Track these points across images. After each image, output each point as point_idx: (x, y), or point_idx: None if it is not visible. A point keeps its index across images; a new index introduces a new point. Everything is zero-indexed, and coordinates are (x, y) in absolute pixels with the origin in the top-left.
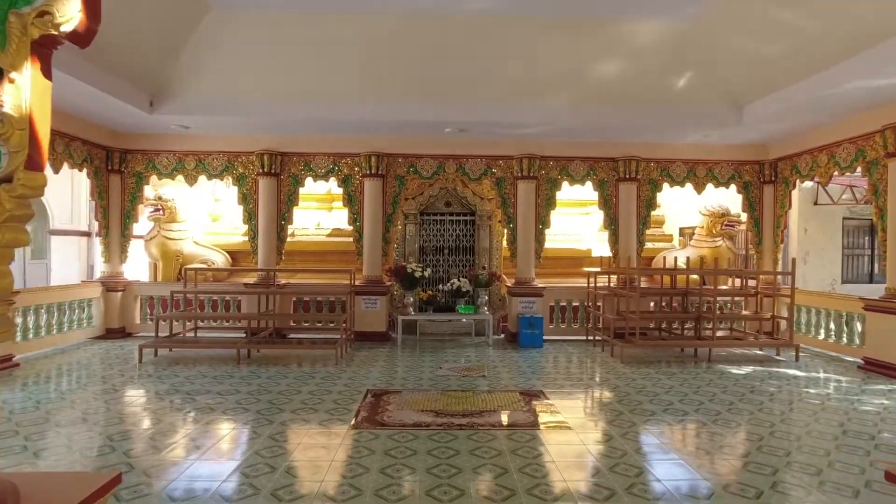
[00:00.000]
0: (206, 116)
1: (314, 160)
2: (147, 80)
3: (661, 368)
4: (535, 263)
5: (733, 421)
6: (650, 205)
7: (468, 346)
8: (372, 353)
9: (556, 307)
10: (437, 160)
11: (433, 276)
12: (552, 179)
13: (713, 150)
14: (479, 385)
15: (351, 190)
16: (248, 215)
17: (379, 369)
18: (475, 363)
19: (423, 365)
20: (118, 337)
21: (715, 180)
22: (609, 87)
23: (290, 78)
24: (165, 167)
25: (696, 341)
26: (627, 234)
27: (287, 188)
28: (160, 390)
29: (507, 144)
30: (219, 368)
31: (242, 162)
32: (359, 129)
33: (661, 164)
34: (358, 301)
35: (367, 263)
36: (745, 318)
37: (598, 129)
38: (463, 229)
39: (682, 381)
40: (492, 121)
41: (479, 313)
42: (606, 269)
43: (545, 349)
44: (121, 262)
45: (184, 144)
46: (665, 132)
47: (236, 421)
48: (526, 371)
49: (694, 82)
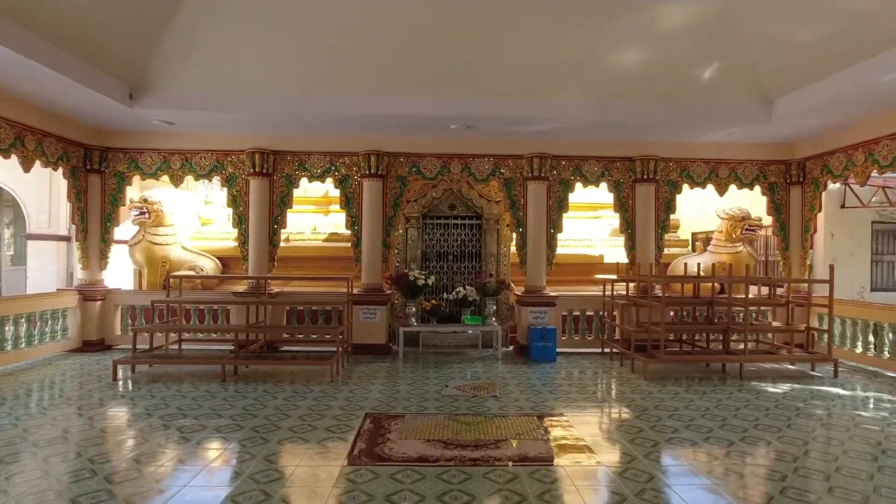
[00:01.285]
0: (190, 111)
1: (309, 159)
2: (126, 71)
3: (689, 386)
4: (547, 271)
5: (788, 454)
6: (669, 207)
7: (475, 359)
8: (371, 367)
9: (570, 317)
10: (441, 159)
11: (437, 284)
12: (565, 180)
13: (736, 149)
14: (491, 407)
15: (349, 191)
16: (239, 218)
17: (379, 387)
18: (485, 381)
19: (428, 382)
20: (96, 350)
21: (738, 181)
22: (629, 79)
23: (282, 69)
24: (149, 167)
25: (726, 356)
26: (645, 239)
27: (280, 189)
28: (131, 414)
29: (516, 143)
30: (201, 387)
31: (232, 161)
32: (357, 125)
33: (680, 164)
34: (356, 311)
35: (365, 270)
36: (779, 331)
37: (615, 126)
38: (469, 234)
39: (716, 401)
40: (501, 116)
41: (486, 324)
42: (624, 276)
43: (558, 363)
44: (100, 269)
45: (169, 142)
46: (687, 129)
47: (212, 453)
48: (541, 390)
49: (721, 73)
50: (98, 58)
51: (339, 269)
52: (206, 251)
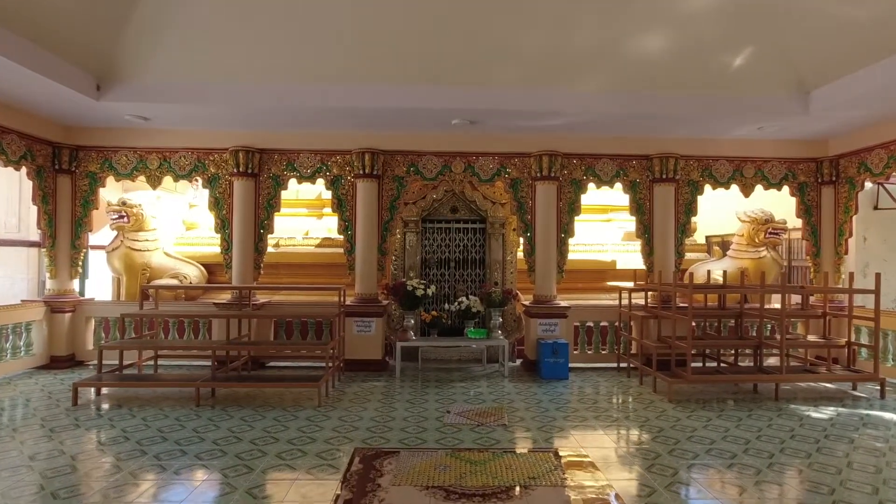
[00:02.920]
0: (164, 104)
1: (298, 158)
2: (91, 59)
3: (721, 411)
4: (557, 279)
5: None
6: (690, 210)
7: (479, 376)
8: (365, 387)
9: (582, 329)
10: (441, 158)
11: (438, 294)
12: (576, 181)
13: (763, 146)
14: (500, 440)
15: (341, 193)
16: (221, 223)
17: (372, 412)
18: (491, 405)
19: (427, 405)
20: (65, 366)
21: (765, 181)
22: (651, 68)
23: (266, 57)
24: (124, 166)
25: (761, 376)
26: (664, 244)
27: (267, 191)
28: (82, 450)
29: (524, 140)
30: (173, 412)
31: (214, 160)
32: (350, 120)
33: (702, 163)
34: (349, 324)
35: (359, 279)
36: (817, 346)
37: (632, 121)
38: (472, 239)
39: (756, 431)
40: (509, 109)
41: (491, 338)
42: (643, 284)
43: (571, 381)
44: (70, 278)
45: (145, 140)
46: (713, 124)
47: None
48: (555, 415)
49: (753, 61)
50: (59, 45)
51: (333, 276)
52: (190, 258)
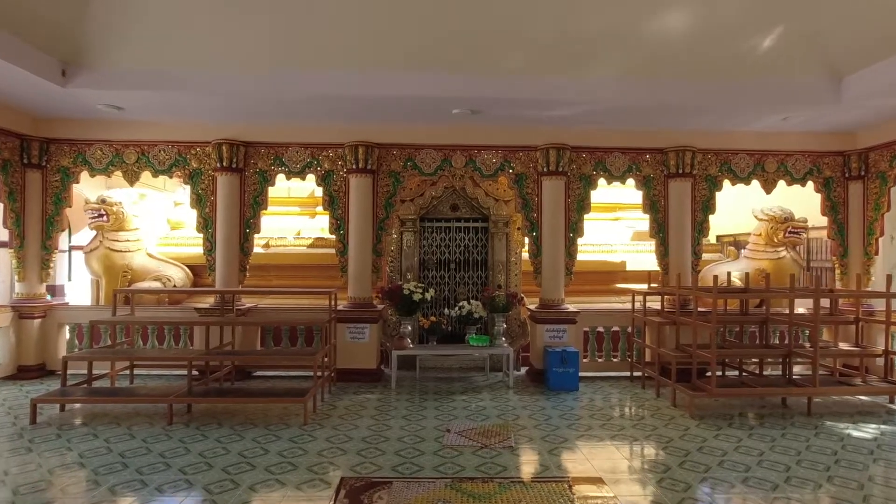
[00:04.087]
0: (138, 91)
1: (287, 152)
2: (55, 41)
3: (750, 430)
4: (566, 281)
5: None
6: (707, 207)
7: (482, 387)
8: (357, 400)
9: (592, 335)
10: (441, 152)
11: (437, 298)
12: (586, 176)
13: (786, 138)
14: (506, 465)
15: (333, 189)
16: (204, 221)
17: (364, 431)
18: (495, 422)
19: (425, 421)
20: (34, 376)
21: (788, 176)
22: (668, 52)
23: (249, 41)
24: (99, 161)
25: (792, 389)
26: (680, 244)
27: (253, 187)
28: (24, 481)
29: (529, 132)
30: (141, 432)
31: (196, 155)
32: (342, 110)
33: (720, 157)
34: (341, 330)
35: (352, 282)
36: (851, 355)
37: (647, 112)
38: (473, 239)
39: (795, 454)
40: (514, 97)
41: (495, 345)
42: (659, 287)
43: (581, 392)
44: (41, 281)
45: (122, 132)
46: (732, 114)
47: None
48: (567, 434)
49: (779, 44)
50: (19, 25)
51: (326, 278)
52: (175, 259)
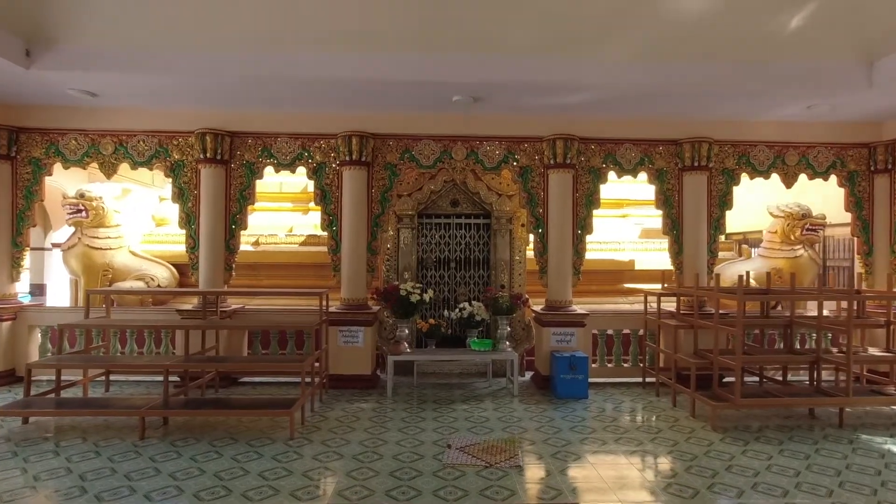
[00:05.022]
0: (111, 74)
1: (276, 143)
2: (18, 16)
3: (780, 445)
4: (574, 281)
5: None
6: (724, 202)
7: (484, 395)
8: (350, 410)
9: (601, 339)
10: (440, 143)
11: (436, 299)
12: (595, 169)
13: (808, 129)
14: (515, 489)
15: (325, 183)
16: (187, 217)
17: (356, 446)
18: (500, 437)
19: (423, 434)
20: (2, 384)
21: (810, 170)
22: (687, 32)
23: (232, 18)
24: (73, 152)
25: (823, 399)
26: (695, 242)
27: (239, 180)
28: None
29: (535, 121)
30: (109, 448)
31: (178, 145)
32: (333, 97)
33: (738, 149)
34: (334, 333)
35: (346, 282)
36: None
37: (662, 99)
38: (475, 236)
39: (835, 473)
40: (519, 81)
41: (498, 350)
42: (675, 288)
43: (591, 400)
44: (11, 281)
45: (98, 121)
46: (753, 101)
47: None
48: (580, 450)
49: (806, 24)
50: None
51: (319, 278)
52: (159, 257)
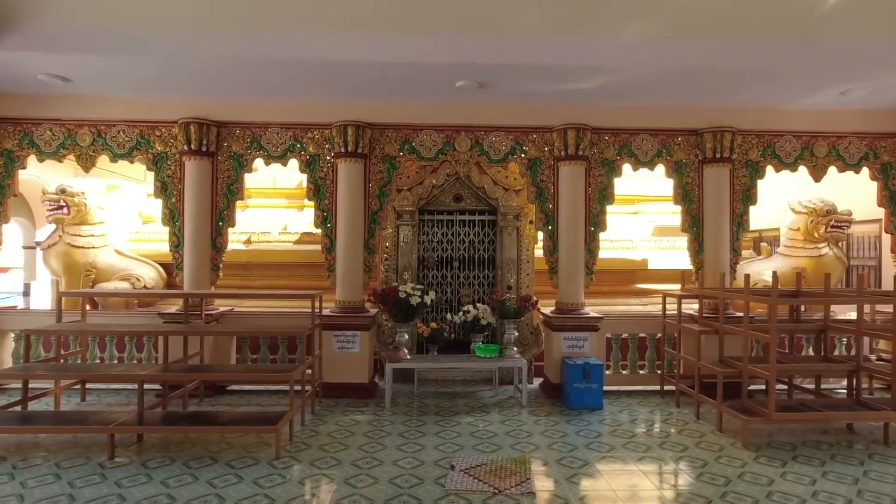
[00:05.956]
0: (82, 55)
1: (266, 134)
2: None
3: (822, 465)
4: (586, 282)
5: None
6: (748, 197)
7: (491, 405)
8: (344, 423)
9: (615, 344)
10: (443, 133)
11: (438, 301)
12: (609, 161)
13: (838, 117)
14: None
15: (318, 177)
16: (170, 213)
17: (348, 468)
18: (509, 456)
19: (424, 453)
20: None
21: (840, 161)
22: (712, 8)
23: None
24: (48, 143)
25: (866, 412)
26: (716, 240)
27: (227, 174)
28: None
29: (544, 110)
30: (70, 471)
31: (161, 136)
32: (327, 83)
33: (763, 139)
34: (328, 338)
35: (341, 283)
36: None
37: (682, 84)
38: (480, 233)
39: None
40: (528, 63)
41: (505, 356)
42: (697, 289)
43: (607, 412)
44: None
45: (75, 110)
46: (784, 85)
47: None
48: (598, 471)
49: None
50: None
51: (315, 278)
52: (147, 256)
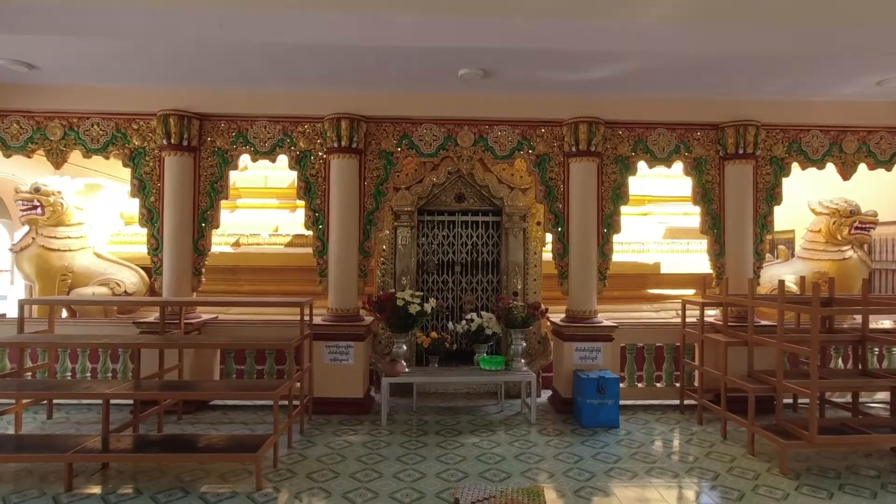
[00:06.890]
0: (49, 38)
1: (252, 127)
2: None
3: (873, 496)
4: (599, 288)
5: None
6: (772, 196)
7: (496, 422)
8: (336, 445)
9: (630, 354)
10: (444, 127)
11: (439, 308)
12: (623, 158)
13: (869, 111)
14: None
15: (309, 174)
16: (149, 213)
17: (338, 500)
18: (520, 485)
19: (424, 481)
20: None
21: (871, 158)
22: None
23: None
24: (15, 137)
25: None
26: (739, 242)
27: (210, 171)
28: None
29: (553, 102)
30: None
31: (139, 130)
32: (319, 71)
33: (788, 134)
34: (319, 349)
35: (333, 290)
36: None
37: (702, 74)
38: (483, 235)
39: None
40: (537, 49)
41: (512, 369)
42: (720, 296)
43: (624, 430)
44: None
45: (44, 101)
46: (816, 75)
47: None
48: (618, 502)
49: None
50: None
51: (308, 282)
52: (129, 259)
